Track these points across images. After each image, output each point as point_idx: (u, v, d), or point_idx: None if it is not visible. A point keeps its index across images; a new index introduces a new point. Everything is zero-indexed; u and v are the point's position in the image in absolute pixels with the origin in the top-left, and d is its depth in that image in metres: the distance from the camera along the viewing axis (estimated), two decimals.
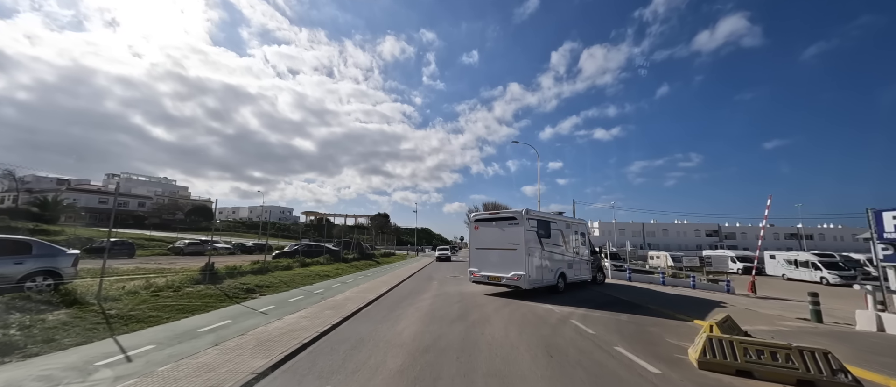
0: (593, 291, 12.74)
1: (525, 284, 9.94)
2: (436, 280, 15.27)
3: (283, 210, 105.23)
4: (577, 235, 13.21)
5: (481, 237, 11.25)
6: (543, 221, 11.20)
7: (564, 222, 12.56)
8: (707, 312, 8.85)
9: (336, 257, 22.51)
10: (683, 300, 11.28)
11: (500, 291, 11.42)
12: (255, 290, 10.17)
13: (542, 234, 10.83)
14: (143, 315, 6.48)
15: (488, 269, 10.78)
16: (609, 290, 13.27)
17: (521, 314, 7.96)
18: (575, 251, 12.81)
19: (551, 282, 11.13)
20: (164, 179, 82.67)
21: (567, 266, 12.05)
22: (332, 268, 17.70)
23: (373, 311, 8.20)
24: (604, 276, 15.60)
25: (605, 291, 12.87)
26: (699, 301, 11.16)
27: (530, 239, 10.26)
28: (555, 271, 11.28)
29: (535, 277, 10.34)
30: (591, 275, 14.40)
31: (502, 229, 10.62)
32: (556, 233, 11.60)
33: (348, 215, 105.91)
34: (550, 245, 11.17)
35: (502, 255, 10.45)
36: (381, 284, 13.30)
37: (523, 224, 10.15)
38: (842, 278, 26.24)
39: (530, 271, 10.06)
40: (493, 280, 10.64)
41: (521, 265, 9.92)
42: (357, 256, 27.10)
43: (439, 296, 10.70)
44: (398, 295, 10.81)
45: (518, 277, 9.94)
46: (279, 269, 15.08)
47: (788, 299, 15.15)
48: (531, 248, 10.23)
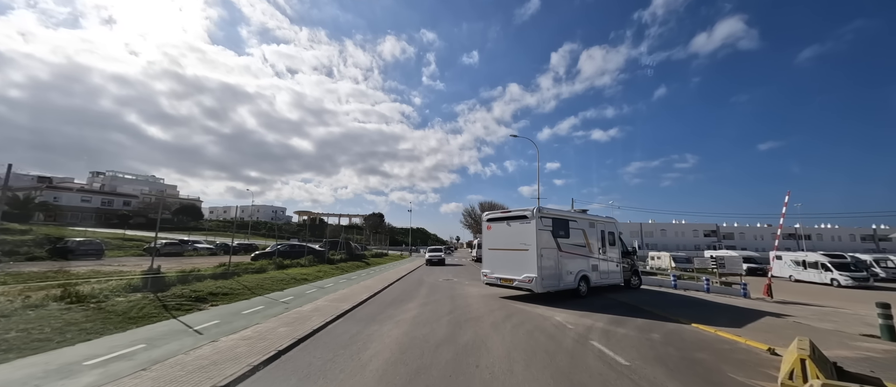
0: (618, 296, 11.31)
1: (537, 287, 9.20)
2: (425, 285, 13.67)
3: (275, 210, 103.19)
4: (605, 235, 12.04)
5: (494, 237, 10.72)
6: (559, 219, 10.30)
7: (587, 221, 11.48)
8: (753, 326, 7.31)
9: (320, 259, 20.84)
10: (714, 309, 9.76)
11: (514, 294, 10.70)
12: (208, 299, 8.52)
13: (558, 233, 9.99)
14: (23, 341, 4.81)
15: (501, 270, 10.20)
16: (631, 296, 11.72)
17: (527, 331, 6.38)
18: (601, 252, 11.69)
19: (570, 285, 10.23)
20: (152, 177, 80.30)
21: (591, 268, 11.07)
22: (313, 270, 16.04)
23: (340, 327, 6.59)
24: (640, 280, 13.78)
25: (626, 297, 11.33)
26: (732, 310, 9.63)
27: (543, 238, 9.50)
28: (575, 274, 10.39)
29: (550, 279, 9.54)
30: (624, 278, 13.02)
31: (514, 228, 9.99)
32: (576, 232, 10.68)
33: (342, 215, 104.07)
34: (569, 245, 10.27)
35: (514, 255, 9.80)
36: (362, 289, 11.68)
37: (535, 222, 9.42)
38: (854, 281, 24.92)
39: (544, 273, 9.29)
40: (506, 282, 10.06)
41: (533, 266, 9.21)
42: (344, 256, 25.43)
43: (427, 305, 9.11)
44: (378, 304, 9.20)
45: (530, 279, 9.26)
46: (251, 272, 13.41)
47: (812, 304, 13.80)
48: (544, 248, 9.48)
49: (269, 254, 20.24)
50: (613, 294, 11.66)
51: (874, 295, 20.21)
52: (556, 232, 9.98)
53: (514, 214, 10.25)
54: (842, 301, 15.51)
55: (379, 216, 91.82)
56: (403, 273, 18.30)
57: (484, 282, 10.93)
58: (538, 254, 9.25)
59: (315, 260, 20.04)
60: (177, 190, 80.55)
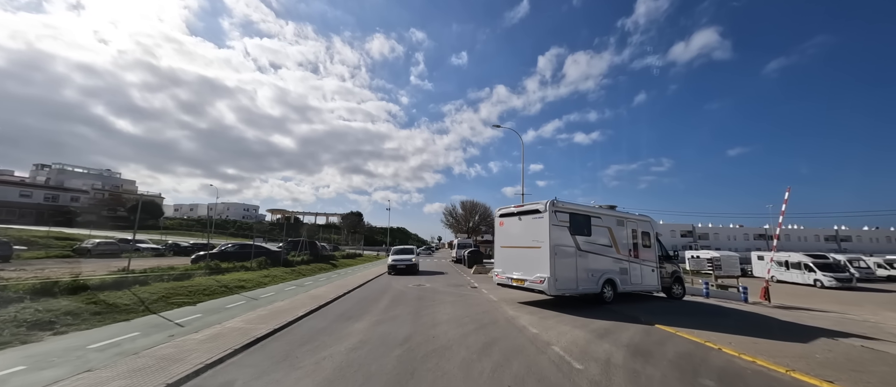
0: (650, 306, 9.88)
1: (550, 289, 8.38)
2: (389, 294, 11.34)
3: (247, 208, 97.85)
4: (637, 235, 10.72)
5: (506, 234, 10.07)
6: (579, 214, 9.40)
7: (615, 218, 10.32)
8: (823, 358, 5.39)
9: (275, 260, 18.10)
10: (755, 325, 7.96)
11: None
12: (58, 322, 5.89)
13: (577, 230, 9.12)
14: None
15: (513, 270, 9.47)
16: (668, 307, 9.94)
17: (515, 377, 4.20)
18: (632, 254, 10.43)
19: (591, 289, 9.26)
20: (107, 171, 73.85)
21: (618, 272, 9.94)
22: (258, 276, 13.40)
23: (208, 382, 4.19)
24: (683, 289, 11.84)
25: (660, 308, 9.58)
26: (773, 327, 7.83)
27: (558, 235, 8.71)
28: (598, 277, 9.40)
29: (565, 282, 8.65)
30: (661, 285, 11.27)
31: (526, 224, 9.26)
32: (599, 230, 9.69)
33: (319, 214, 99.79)
34: (590, 244, 9.35)
35: (527, 254, 9.06)
36: (307, 300, 9.25)
37: (549, 217, 8.62)
38: (838, 282, 24.48)
39: (558, 274, 8.46)
40: (518, 283, 9.27)
41: (546, 266, 8.41)
42: (307, 258, 22.69)
43: (380, 325, 6.80)
44: (313, 327, 6.80)
45: (542, 279, 8.48)
46: (169, 279, 10.67)
47: (819, 309, 12.49)
48: (560, 246, 8.68)
49: (220, 255, 17.41)
50: (646, 303, 10.24)
51: (862, 296, 19.55)
52: (575, 229, 9.06)
53: (526, 209, 9.43)
54: (842, 305, 14.40)
55: (357, 215, 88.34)
56: (370, 278, 15.89)
57: (495, 282, 10.26)
58: (552, 252, 8.39)
59: (268, 263, 17.30)
60: (135, 186, 74.42)
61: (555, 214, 8.73)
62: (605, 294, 9.40)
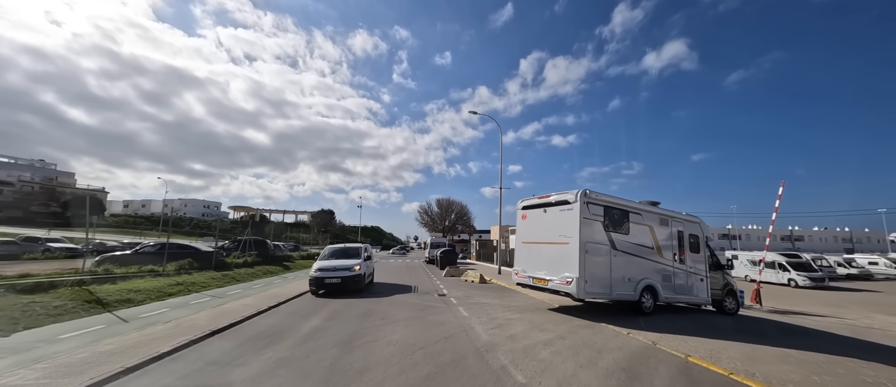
0: (699, 320, 8.71)
1: (578, 291, 7.39)
2: (329, 307, 8.74)
3: (207, 204, 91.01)
4: (683, 238, 9.41)
5: (528, 228, 9.10)
6: (615, 208, 8.30)
7: (657, 216, 9.08)
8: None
9: (206, 263, 15.00)
10: (840, 343, 6.10)
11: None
12: None
13: (612, 226, 8.08)
14: None
15: (535, 269, 8.57)
16: (720, 323, 8.43)
17: None
18: (677, 259, 9.11)
19: (627, 296, 8.11)
20: (40, 162, 65.74)
21: (660, 278, 8.69)
22: (166, 284, 10.44)
23: None
24: (737, 303, 10.23)
25: (711, 325, 8.05)
26: (823, 341, 6.02)
27: (591, 230, 7.74)
28: (636, 282, 8.22)
29: (597, 284, 7.64)
30: (710, 297, 9.72)
31: (552, 217, 8.32)
32: (639, 229, 8.54)
33: (288, 212, 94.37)
34: (628, 244, 8.27)
35: (552, 251, 8.15)
36: (204, 322, 6.54)
37: (580, 208, 7.67)
38: (812, 281, 24.22)
39: (588, 275, 7.47)
40: (540, 283, 8.36)
41: (575, 265, 7.44)
42: (254, 259, 19.55)
43: (279, 368, 4.27)
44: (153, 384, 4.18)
45: (569, 281, 7.52)
46: (22, 291, 7.63)
47: (811, 313, 11.31)
48: (591, 242, 7.69)
49: (143, 256, 14.16)
50: (695, 316, 9.03)
51: (838, 296, 19.01)
52: (610, 224, 8.02)
53: (553, 200, 8.38)
54: (829, 306, 13.50)
55: (328, 213, 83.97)
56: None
57: (515, 282, 9.27)
58: (581, 249, 7.40)
59: (196, 266, 14.21)
60: (73, 178, 66.73)
61: (586, 205, 7.63)
62: (643, 303, 8.16)
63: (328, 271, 10.80)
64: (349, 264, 11.18)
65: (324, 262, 11.58)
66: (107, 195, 67.95)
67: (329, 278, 10.64)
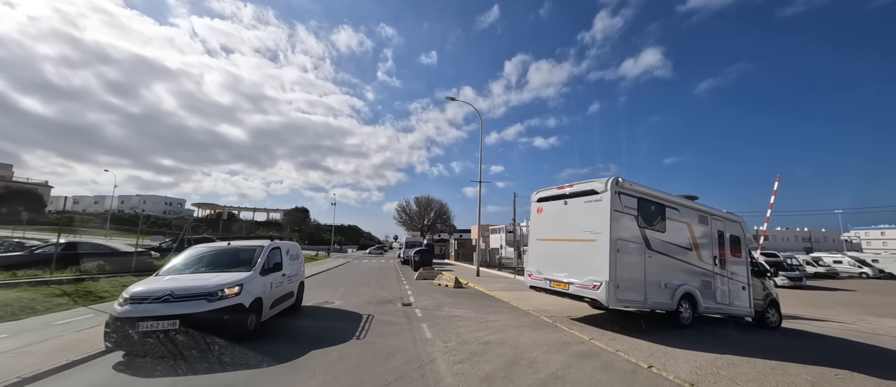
0: (750, 338, 7.39)
1: (608, 298, 6.03)
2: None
3: (169, 201, 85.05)
4: (725, 239, 8.24)
5: (544, 224, 7.85)
6: (651, 201, 7.12)
7: (696, 213, 7.93)
8: None
9: (121, 267, 12.37)
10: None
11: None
12: None
13: (646, 221, 6.85)
14: None
15: (553, 270, 7.24)
16: (768, 340, 7.15)
17: None
18: (718, 263, 7.95)
19: (664, 304, 6.92)
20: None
21: (700, 285, 7.52)
22: (49, 294, 7.96)
23: None
24: (779, 316, 8.98)
25: (762, 342, 6.78)
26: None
27: (623, 226, 6.45)
28: (673, 289, 7.04)
29: (630, 290, 6.34)
30: (753, 308, 8.45)
31: (574, 209, 7.05)
32: (676, 226, 7.40)
33: (259, 209, 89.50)
34: (664, 244, 7.08)
35: (574, 250, 6.84)
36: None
37: (610, 199, 6.35)
38: (790, 280, 23.95)
39: (620, 279, 6.13)
40: (559, 288, 6.99)
41: (604, 266, 6.12)
42: None
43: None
44: None
45: (596, 285, 6.19)
46: None
47: (811, 317, 10.17)
48: (623, 240, 6.39)
49: (37, 259, 11.40)
50: (739, 333, 7.71)
51: (819, 296, 18.42)
52: (645, 219, 6.91)
53: (576, 189, 7.26)
54: (817, 308, 12.64)
55: (302, 212, 79.99)
56: None
57: (528, 285, 8.23)
58: (612, 247, 6.24)
59: (108, 269, 11.60)
60: (11, 170, 60.14)
61: (618, 196, 6.52)
62: (681, 313, 7.03)
63: (153, 304, 4.76)
64: (213, 285, 5.17)
65: (161, 280, 5.43)
66: (50, 190, 61.58)
67: (150, 321, 4.59)
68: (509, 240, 57.37)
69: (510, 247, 42.59)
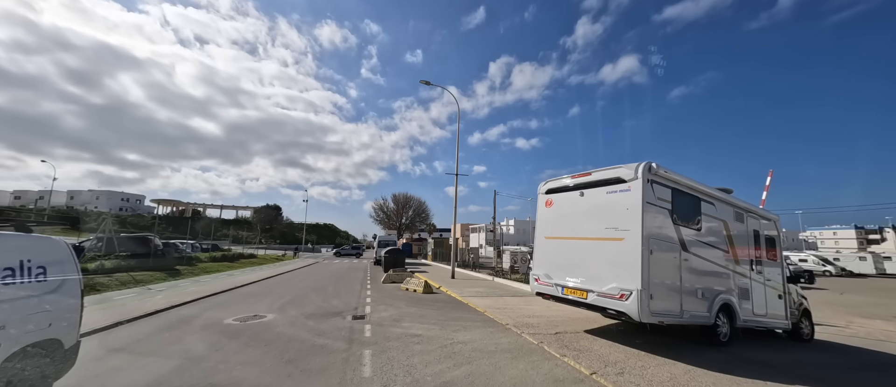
0: (794, 356, 6.34)
1: (641, 311, 4.80)
2: None
3: (126, 198, 78.89)
4: (760, 239, 7.11)
5: (555, 219, 6.58)
6: (686, 193, 5.81)
7: (732, 208, 6.70)
8: None
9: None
10: None
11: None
12: None
13: (681, 216, 5.59)
14: None
15: (565, 275, 5.99)
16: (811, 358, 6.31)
17: None
18: (755, 267, 6.77)
19: (702, 317, 5.52)
20: None
21: (737, 292, 6.23)
22: None
23: None
24: (812, 327, 7.88)
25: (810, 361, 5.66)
26: None
27: (656, 222, 5.24)
28: (710, 298, 5.66)
29: (666, 299, 5.11)
30: (790, 320, 7.31)
31: (594, 201, 5.82)
32: (712, 224, 6.10)
33: (226, 207, 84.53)
34: (700, 243, 5.77)
35: (593, 250, 5.64)
36: None
37: (641, 188, 5.14)
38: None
39: (654, 287, 4.94)
40: (573, 296, 5.73)
41: (634, 271, 4.92)
42: (119, 263, 14.32)
43: None
44: None
45: (624, 293, 4.96)
46: None
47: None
48: (658, 238, 5.18)
49: None
50: (779, 346, 6.90)
51: None
52: (680, 215, 5.56)
53: (596, 178, 5.82)
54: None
55: (274, 209, 75.97)
56: (149, 310, 8.79)
57: (534, 291, 6.68)
58: (644, 248, 4.90)
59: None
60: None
61: (650, 185, 5.33)
62: (719, 327, 5.87)
63: None
64: None
65: None
66: None
67: None
68: (489, 239, 56.19)
69: (490, 246, 41.28)
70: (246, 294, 10.81)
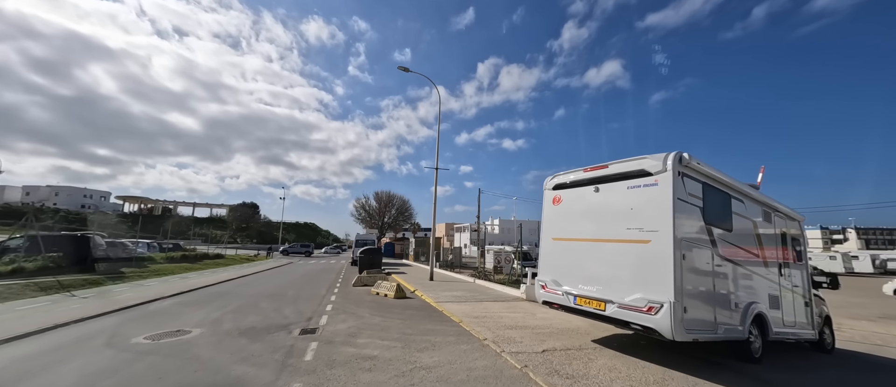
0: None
1: (675, 327, 3.99)
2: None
3: (89, 194, 74.20)
4: (787, 241, 6.31)
5: (564, 217, 5.77)
6: (717, 188, 5.03)
7: (760, 206, 5.81)
8: None
9: None
10: None
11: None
12: None
13: (712, 216, 4.79)
14: None
15: (578, 282, 5.18)
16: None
17: None
18: (784, 271, 5.95)
19: (735, 332, 4.74)
20: None
21: (768, 301, 5.37)
22: None
23: None
24: (833, 337, 7.19)
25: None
26: None
27: (688, 222, 4.47)
28: (743, 309, 4.90)
29: (701, 310, 4.36)
30: (816, 329, 6.56)
31: (613, 198, 5.00)
32: (743, 223, 5.36)
33: (199, 205, 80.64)
34: (731, 247, 4.98)
35: (612, 254, 4.84)
36: None
37: (672, 182, 4.33)
38: None
39: (688, 298, 4.17)
40: (588, 307, 4.93)
41: (665, 281, 4.13)
42: (47, 263, 12.45)
43: None
44: None
45: (654, 307, 4.15)
46: None
47: None
48: (689, 240, 4.40)
49: None
50: (808, 359, 6.17)
51: None
52: (711, 214, 4.75)
53: (615, 170, 5.01)
54: None
55: (251, 207, 72.83)
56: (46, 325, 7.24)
57: (540, 299, 5.78)
58: (677, 252, 4.13)
59: None
60: None
61: (682, 179, 4.40)
62: (751, 342, 5.02)
63: None
64: None
65: None
66: None
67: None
68: (473, 238, 55.23)
69: (475, 246, 40.31)
70: (185, 302, 9.28)
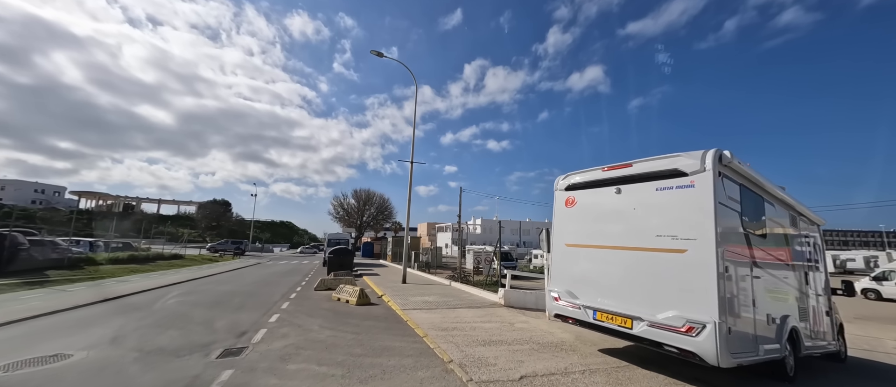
0: None
1: (720, 352, 3.40)
2: None
3: (41, 189, 68.68)
4: (811, 246, 5.80)
5: (580, 222, 5.20)
6: (753, 190, 4.56)
7: (788, 210, 5.40)
8: None
9: None
10: None
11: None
12: None
13: (751, 221, 4.35)
14: None
15: (597, 295, 4.67)
16: None
17: None
18: (809, 281, 5.44)
19: (774, 351, 4.20)
20: None
21: (798, 313, 4.93)
22: None
23: None
24: (845, 346, 6.73)
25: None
26: None
27: (729, 228, 3.91)
28: (779, 324, 4.40)
29: (745, 329, 3.82)
30: (837, 339, 6.15)
31: (641, 200, 4.43)
32: (776, 229, 4.97)
33: (165, 201, 76.19)
34: (766, 255, 4.50)
35: (642, 263, 4.23)
36: None
37: (713, 185, 3.77)
38: None
39: (732, 316, 3.62)
40: (611, 324, 4.38)
41: (706, 296, 3.56)
42: None
43: None
44: None
45: (694, 327, 3.59)
46: None
47: None
48: (732, 250, 3.85)
49: None
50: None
51: None
52: (749, 220, 4.28)
53: (641, 170, 4.46)
54: None
55: (222, 204, 69.27)
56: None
57: (551, 313, 5.27)
58: (720, 263, 3.57)
59: None
60: None
61: (722, 180, 3.84)
62: (785, 360, 4.37)
63: None
64: None
65: None
66: None
67: None
68: (455, 238, 54.32)
69: (456, 246, 39.37)
70: (99, 313, 7.76)
